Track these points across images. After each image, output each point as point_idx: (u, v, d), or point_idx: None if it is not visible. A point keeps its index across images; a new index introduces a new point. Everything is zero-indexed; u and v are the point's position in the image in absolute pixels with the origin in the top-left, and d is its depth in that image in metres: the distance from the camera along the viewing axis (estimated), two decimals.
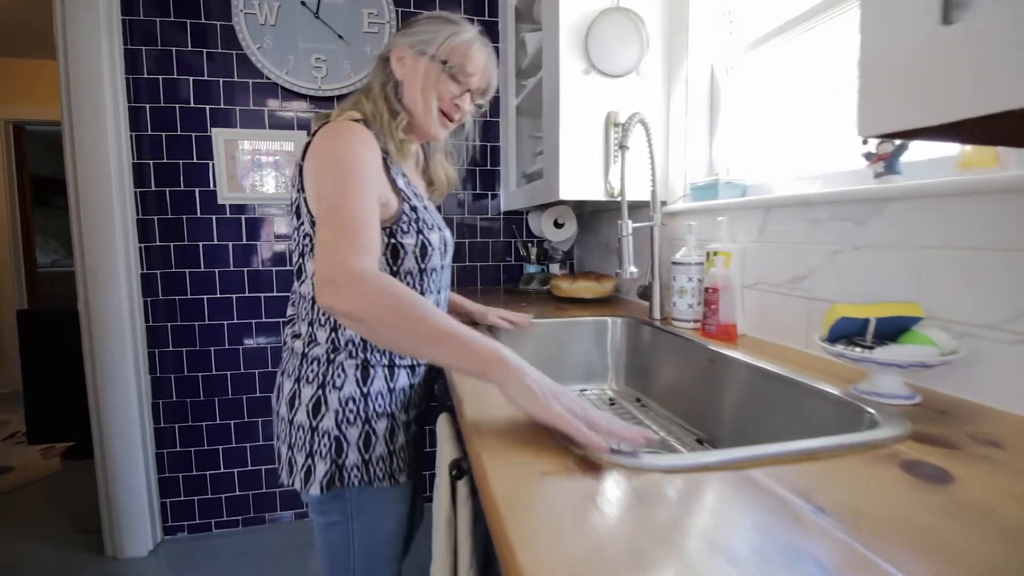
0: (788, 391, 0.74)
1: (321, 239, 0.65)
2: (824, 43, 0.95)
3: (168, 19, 1.63)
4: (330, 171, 0.70)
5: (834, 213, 0.81)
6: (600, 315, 1.29)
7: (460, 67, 0.81)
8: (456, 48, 0.81)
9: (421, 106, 0.82)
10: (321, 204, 0.69)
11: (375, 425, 0.80)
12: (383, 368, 0.81)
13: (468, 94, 0.84)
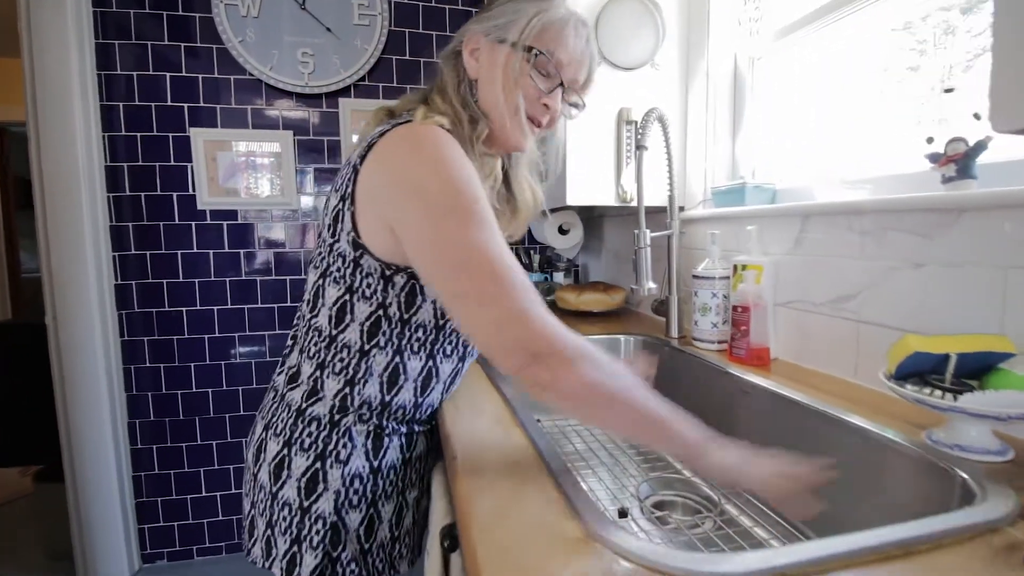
0: (845, 437, 0.62)
1: (481, 302, 0.51)
2: (868, 28, 0.83)
3: (143, 11, 1.51)
4: (450, 211, 0.52)
5: (890, 223, 0.70)
6: (611, 331, 1.17)
7: (551, 54, 0.62)
8: (545, 31, 0.62)
9: (503, 108, 0.63)
10: (448, 254, 0.52)
11: (382, 508, 0.64)
12: (399, 436, 0.65)
13: (559, 89, 0.65)
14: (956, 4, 0.73)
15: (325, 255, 0.61)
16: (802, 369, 0.83)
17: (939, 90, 0.74)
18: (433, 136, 0.56)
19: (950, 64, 0.79)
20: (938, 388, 0.54)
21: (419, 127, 0.57)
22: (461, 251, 0.51)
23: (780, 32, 0.98)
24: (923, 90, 0.77)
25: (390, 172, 0.55)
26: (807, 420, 0.67)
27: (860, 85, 0.87)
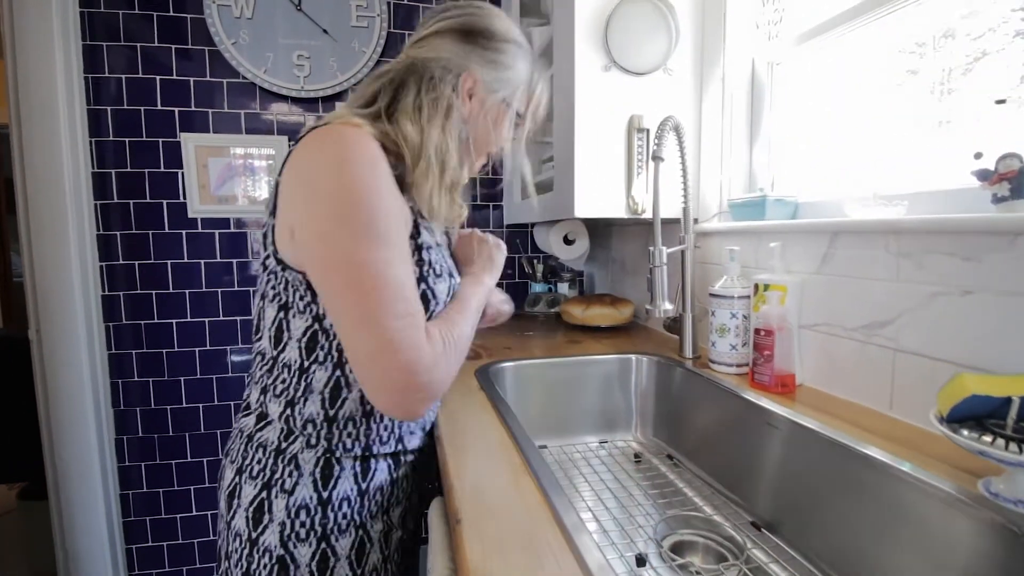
0: (890, 485, 0.56)
1: (361, 323, 0.50)
2: (900, 32, 0.78)
3: (132, 12, 1.45)
4: (345, 223, 0.50)
5: (933, 245, 0.64)
6: (620, 349, 1.11)
7: (529, 116, 0.72)
8: (532, 99, 0.71)
9: (478, 151, 0.69)
10: (338, 272, 0.50)
11: (336, 543, 0.59)
12: (353, 461, 0.60)
13: (520, 127, 0.74)
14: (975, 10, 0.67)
15: (261, 275, 0.60)
16: (831, 398, 0.78)
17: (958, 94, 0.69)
18: (344, 136, 0.53)
19: (949, 67, 0.74)
20: (1000, 436, 0.48)
21: (334, 127, 0.54)
22: (349, 268, 0.50)
23: (802, 36, 0.92)
24: (964, 99, 0.71)
25: (295, 173, 0.54)
26: (845, 463, 0.61)
27: (891, 92, 0.81)
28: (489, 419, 0.72)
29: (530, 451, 0.59)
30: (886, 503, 0.56)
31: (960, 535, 0.49)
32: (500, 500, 0.49)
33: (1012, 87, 0.66)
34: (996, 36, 0.69)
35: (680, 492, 0.83)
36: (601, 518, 0.75)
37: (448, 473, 0.54)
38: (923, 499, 0.53)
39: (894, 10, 0.76)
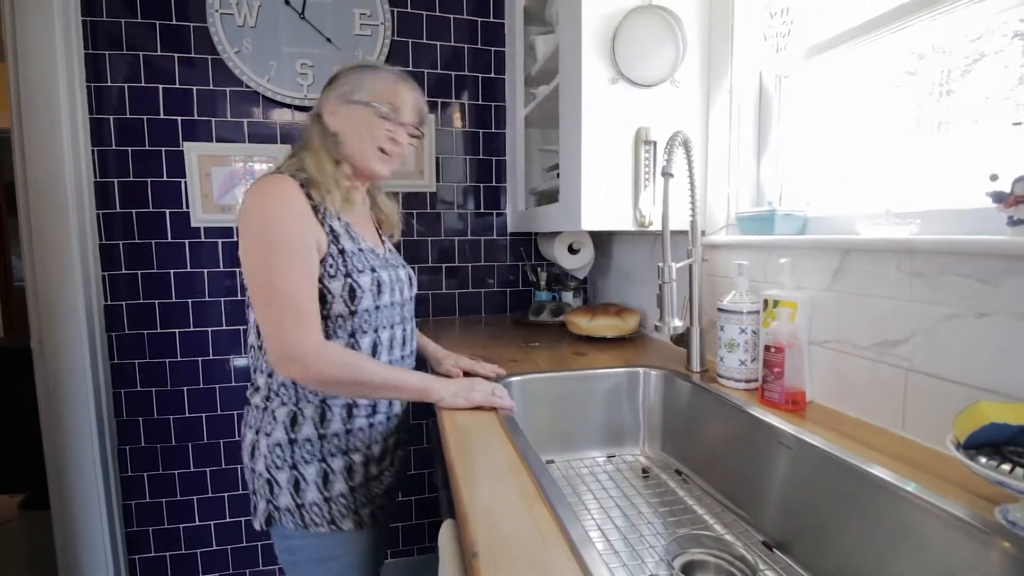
0: (906, 511, 0.56)
1: (265, 319, 0.75)
2: (914, 46, 0.77)
3: (135, 20, 1.45)
4: (258, 246, 0.75)
5: (947, 266, 0.63)
6: (627, 361, 1.11)
7: (389, 105, 0.86)
8: (382, 90, 0.86)
9: (361, 149, 0.86)
10: (254, 280, 0.76)
11: (303, 470, 0.82)
12: (314, 411, 0.83)
13: (402, 128, 0.88)
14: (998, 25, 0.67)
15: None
16: (842, 416, 0.77)
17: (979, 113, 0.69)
18: (264, 185, 0.78)
19: (948, 69, 0.73)
20: (1019, 465, 0.48)
21: (257, 183, 0.79)
22: (260, 274, 0.75)
23: (811, 50, 0.92)
24: (982, 117, 0.71)
25: (241, 213, 0.78)
26: (857, 484, 0.61)
27: (901, 105, 0.81)
28: (499, 439, 0.71)
29: (543, 476, 0.59)
30: (900, 527, 0.56)
31: (975, 562, 0.49)
32: (516, 530, 0.48)
33: (1011, 87, 0.66)
34: (994, 37, 0.68)
35: (690, 510, 0.82)
36: (610, 536, 0.75)
37: (461, 500, 0.53)
38: (939, 525, 0.52)
39: (904, 27, 0.75)
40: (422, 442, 1.72)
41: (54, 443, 1.45)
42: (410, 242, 1.67)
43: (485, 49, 1.67)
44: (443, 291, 1.72)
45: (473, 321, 1.66)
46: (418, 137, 0.92)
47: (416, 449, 1.72)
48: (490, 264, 1.75)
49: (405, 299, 0.94)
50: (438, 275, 1.70)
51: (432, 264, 1.70)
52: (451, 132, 1.68)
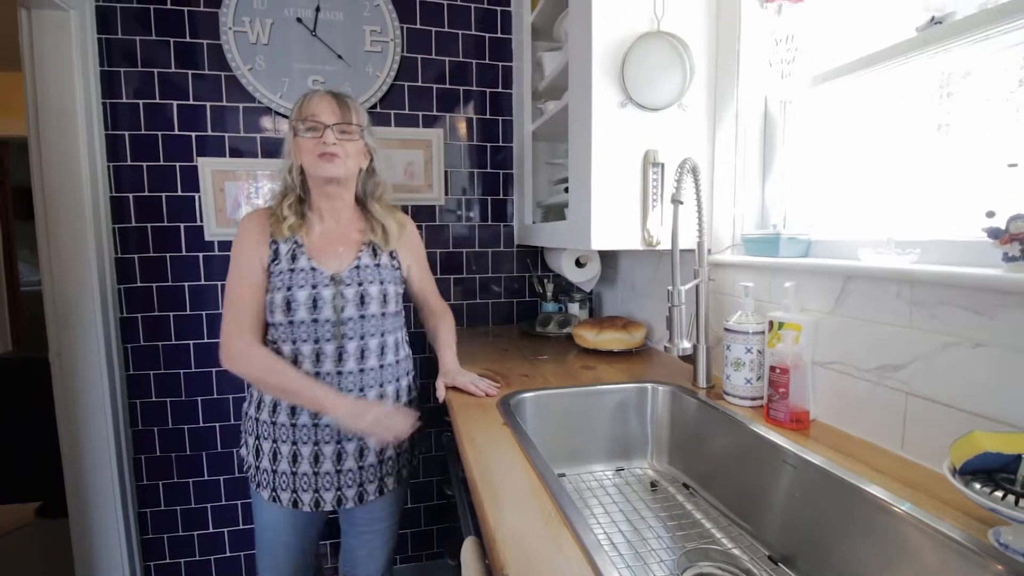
0: (897, 526, 0.59)
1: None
2: (918, 80, 0.80)
3: (150, 38, 1.47)
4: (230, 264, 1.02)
5: (945, 297, 0.67)
6: (634, 374, 1.14)
7: (305, 118, 0.98)
8: (299, 110, 0.99)
9: (308, 165, 0.99)
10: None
11: (247, 439, 1.07)
12: (252, 397, 1.07)
13: (327, 130, 0.97)
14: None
15: None
16: (844, 435, 0.80)
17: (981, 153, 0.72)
18: (243, 217, 1.05)
19: (949, 72, 0.76)
20: (1011, 492, 0.51)
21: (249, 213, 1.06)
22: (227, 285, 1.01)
23: (815, 79, 0.95)
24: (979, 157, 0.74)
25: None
26: (857, 504, 0.64)
27: (905, 138, 0.84)
28: (517, 458, 0.74)
29: (562, 498, 0.62)
30: (897, 547, 0.59)
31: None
32: (541, 553, 0.51)
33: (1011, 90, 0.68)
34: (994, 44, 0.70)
35: (698, 524, 0.86)
36: (621, 549, 0.78)
37: (488, 523, 0.56)
38: (934, 545, 0.56)
39: (904, 63, 0.78)
40: (430, 450, 1.75)
41: (72, 453, 1.48)
42: None
43: (492, 64, 1.70)
44: (451, 302, 1.74)
45: (481, 332, 1.69)
46: (347, 131, 0.99)
47: (425, 457, 1.75)
48: (497, 275, 1.78)
49: (343, 318, 1.00)
50: (446, 286, 1.74)
51: (440, 276, 1.73)
52: (459, 146, 1.71)
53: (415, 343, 1.29)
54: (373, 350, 1.04)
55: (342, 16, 1.53)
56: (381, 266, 1.06)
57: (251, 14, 1.48)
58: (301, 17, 1.51)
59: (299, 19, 1.51)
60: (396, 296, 1.09)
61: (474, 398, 1.01)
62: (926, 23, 0.75)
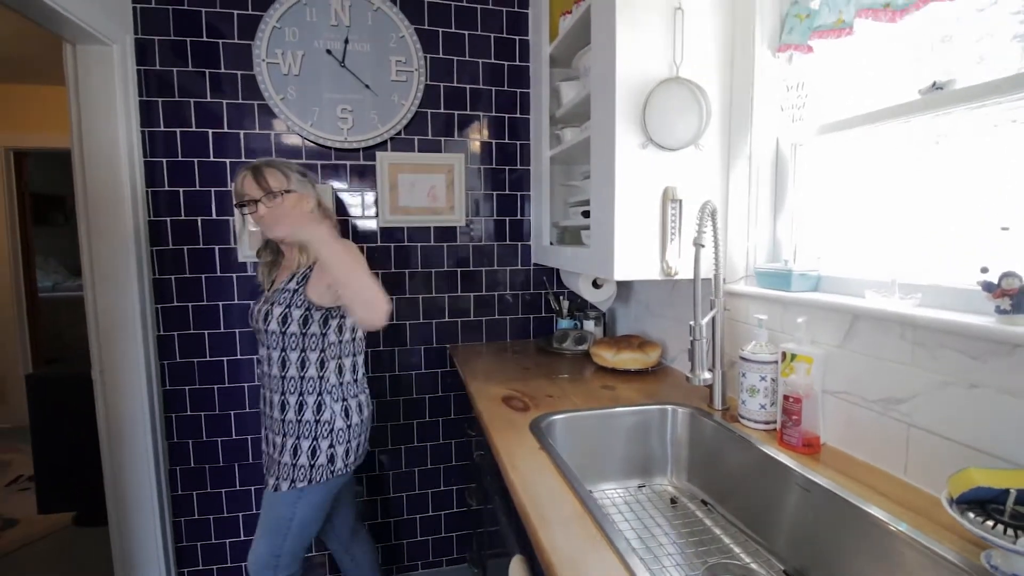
0: (899, 547, 0.67)
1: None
2: (923, 138, 0.88)
3: (186, 69, 1.54)
4: None
5: (943, 341, 0.75)
6: (652, 394, 1.22)
7: (239, 200, 1.21)
8: (234, 192, 1.23)
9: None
10: None
11: (307, 442, 1.23)
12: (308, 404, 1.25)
13: (256, 204, 1.19)
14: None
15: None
16: (851, 459, 0.88)
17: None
18: None
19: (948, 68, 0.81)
20: (1000, 522, 0.59)
21: None
22: None
23: (823, 128, 1.02)
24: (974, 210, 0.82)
25: None
26: (865, 527, 0.72)
27: (908, 184, 0.92)
28: (559, 485, 0.82)
29: (606, 524, 0.70)
30: (900, 565, 0.67)
31: None
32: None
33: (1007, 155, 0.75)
34: (994, 40, 0.76)
35: (717, 539, 0.94)
36: (650, 564, 0.86)
37: (543, 548, 0.64)
38: (933, 566, 0.63)
39: (907, 121, 0.86)
40: (450, 460, 1.83)
41: (112, 465, 1.55)
42: (441, 273, 1.78)
43: (510, 91, 1.77)
44: (471, 318, 1.82)
45: (500, 347, 1.77)
46: (270, 199, 1.18)
47: (446, 466, 1.83)
48: (514, 292, 1.86)
49: (258, 327, 1.23)
50: (467, 303, 1.81)
51: (461, 293, 1.80)
52: (478, 169, 1.78)
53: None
54: (277, 360, 1.22)
55: (369, 47, 1.60)
56: (288, 290, 1.21)
57: (283, 46, 1.55)
58: (331, 49, 1.58)
59: (329, 51, 1.58)
60: (300, 319, 1.19)
61: (503, 417, 1.09)
62: (928, 87, 0.83)
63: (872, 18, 0.87)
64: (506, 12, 1.74)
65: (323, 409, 1.22)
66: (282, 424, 1.22)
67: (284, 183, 1.20)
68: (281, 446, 1.22)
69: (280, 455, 1.22)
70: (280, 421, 1.22)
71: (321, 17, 1.56)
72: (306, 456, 1.20)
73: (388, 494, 1.80)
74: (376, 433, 1.77)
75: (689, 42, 1.13)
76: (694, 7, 1.13)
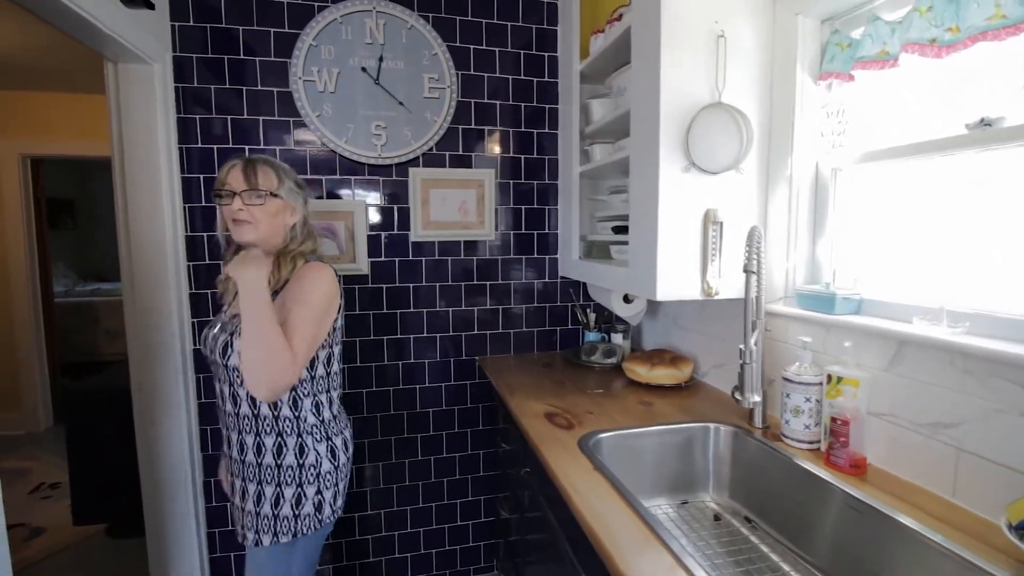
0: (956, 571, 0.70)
1: None
2: (971, 173, 0.91)
3: (223, 86, 1.56)
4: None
5: (995, 370, 0.77)
6: (689, 411, 1.25)
7: (219, 188, 1.05)
8: (217, 179, 1.07)
9: (230, 230, 1.07)
10: None
11: (294, 488, 1.09)
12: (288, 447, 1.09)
13: (234, 197, 1.03)
14: None
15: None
16: (898, 480, 0.91)
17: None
18: None
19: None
20: None
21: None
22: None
23: (863, 157, 1.05)
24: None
25: None
26: (918, 548, 0.75)
27: (955, 212, 0.94)
28: (620, 506, 0.85)
29: (674, 545, 0.73)
30: None
31: None
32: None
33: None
34: None
35: (765, 556, 0.96)
36: None
37: (620, 572, 0.67)
38: None
39: (951, 155, 0.89)
40: (478, 470, 1.86)
41: (150, 476, 1.57)
42: (471, 286, 1.80)
43: (539, 107, 1.80)
44: (499, 331, 1.85)
45: (528, 360, 1.79)
46: (255, 197, 1.03)
47: (474, 477, 1.86)
48: (542, 305, 1.88)
49: (214, 360, 1.06)
50: (495, 315, 1.84)
51: (490, 306, 1.83)
52: (508, 184, 1.80)
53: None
54: (229, 395, 1.06)
55: (403, 65, 1.63)
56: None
57: (319, 64, 1.57)
58: (366, 67, 1.60)
59: (363, 68, 1.60)
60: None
61: (550, 436, 1.12)
62: (976, 123, 0.86)
63: (919, 53, 0.90)
64: (535, 29, 1.77)
65: (306, 451, 1.07)
66: (257, 470, 1.05)
67: (274, 184, 1.06)
68: (257, 495, 1.05)
69: (257, 505, 1.05)
70: (255, 466, 1.05)
71: (356, 35, 1.58)
72: (290, 506, 1.05)
73: (417, 504, 1.83)
74: (407, 444, 1.80)
75: (731, 68, 1.16)
76: (736, 34, 1.15)
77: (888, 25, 0.95)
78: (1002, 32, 0.78)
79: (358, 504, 1.77)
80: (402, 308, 1.75)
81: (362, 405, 1.75)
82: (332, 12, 1.56)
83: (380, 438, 1.77)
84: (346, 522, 1.76)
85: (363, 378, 1.75)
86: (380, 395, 1.77)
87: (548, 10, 1.77)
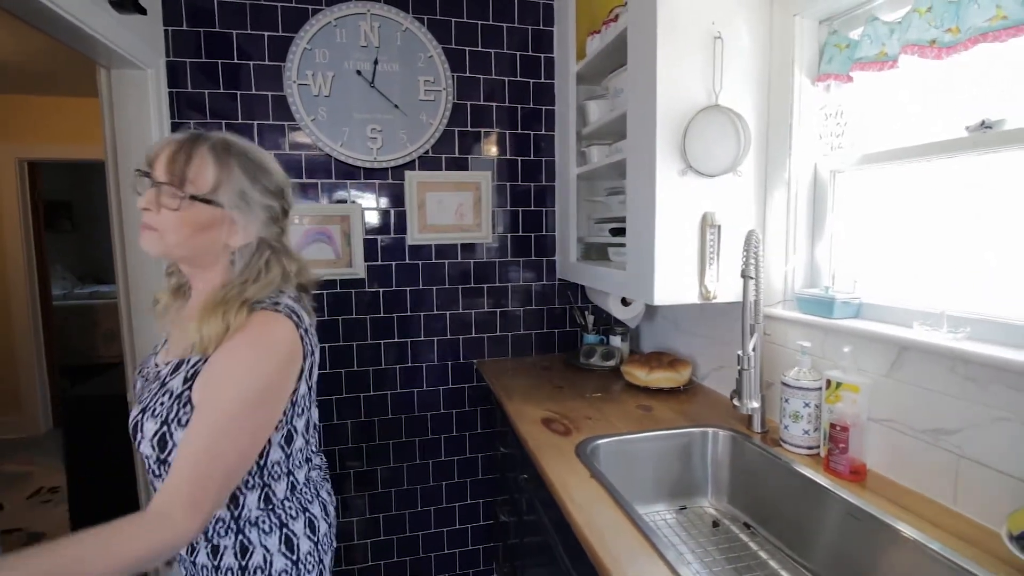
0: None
1: None
2: (972, 175, 0.90)
3: (217, 90, 1.55)
4: None
5: (997, 376, 0.76)
6: (688, 415, 1.24)
7: (140, 167, 0.74)
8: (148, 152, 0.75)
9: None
10: None
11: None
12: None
13: (148, 182, 0.72)
14: None
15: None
16: (898, 487, 0.90)
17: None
18: None
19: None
20: None
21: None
22: None
23: (862, 159, 1.04)
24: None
25: None
26: (917, 557, 0.74)
27: (956, 216, 0.93)
28: (618, 517, 0.84)
29: (667, 552, 0.72)
30: None
31: None
32: None
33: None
34: None
35: (764, 564, 0.96)
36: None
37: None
38: None
39: (951, 157, 0.88)
40: (477, 473, 1.85)
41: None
42: (468, 289, 1.79)
43: (536, 108, 1.79)
44: (497, 333, 1.84)
45: (527, 363, 1.78)
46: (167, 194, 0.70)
47: (473, 480, 1.85)
48: (540, 307, 1.87)
49: (143, 451, 0.72)
50: (493, 318, 1.83)
51: (487, 309, 1.82)
52: (505, 186, 1.79)
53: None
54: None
55: (398, 68, 1.61)
56: (169, 391, 0.72)
57: (314, 67, 1.56)
58: (360, 70, 1.58)
59: (359, 71, 1.59)
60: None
61: (548, 442, 1.11)
62: (976, 125, 0.85)
63: (918, 55, 0.88)
64: (531, 30, 1.75)
65: (249, 550, 0.76)
66: (194, 570, 0.77)
67: (207, 183, 0.72)
68: None
69: None
70: (191, 565, 0.78)
71: (351, 38, 1.57)
72: None
73: (416, 508, 1.82)
74: (406, 448, 1.79)
75: (728, 70, 1.14)
76: (733, 35, 1.14)
77: (887, 26, 0.94)
78: (1003, 33, 0.77)
79: (356, 509, 1.77)
80: (399, 312, 1.74)
81: (360, 409, 1.74)
82: (326, 15, 1.55)
83: (378, 442, 1.77)
84: (344, 527, 1.75)
85: (361, 382, 1.74)
86: (378, 399, 1.76)
87: (544, 11, 1.76)
